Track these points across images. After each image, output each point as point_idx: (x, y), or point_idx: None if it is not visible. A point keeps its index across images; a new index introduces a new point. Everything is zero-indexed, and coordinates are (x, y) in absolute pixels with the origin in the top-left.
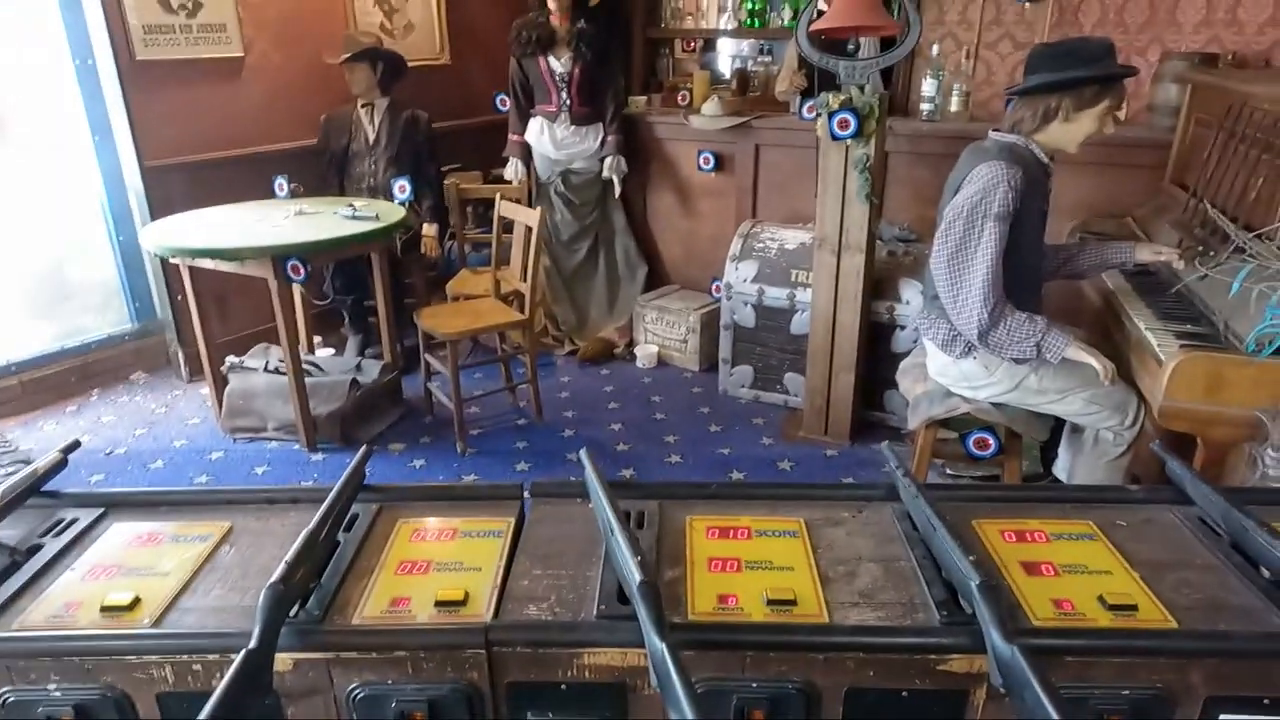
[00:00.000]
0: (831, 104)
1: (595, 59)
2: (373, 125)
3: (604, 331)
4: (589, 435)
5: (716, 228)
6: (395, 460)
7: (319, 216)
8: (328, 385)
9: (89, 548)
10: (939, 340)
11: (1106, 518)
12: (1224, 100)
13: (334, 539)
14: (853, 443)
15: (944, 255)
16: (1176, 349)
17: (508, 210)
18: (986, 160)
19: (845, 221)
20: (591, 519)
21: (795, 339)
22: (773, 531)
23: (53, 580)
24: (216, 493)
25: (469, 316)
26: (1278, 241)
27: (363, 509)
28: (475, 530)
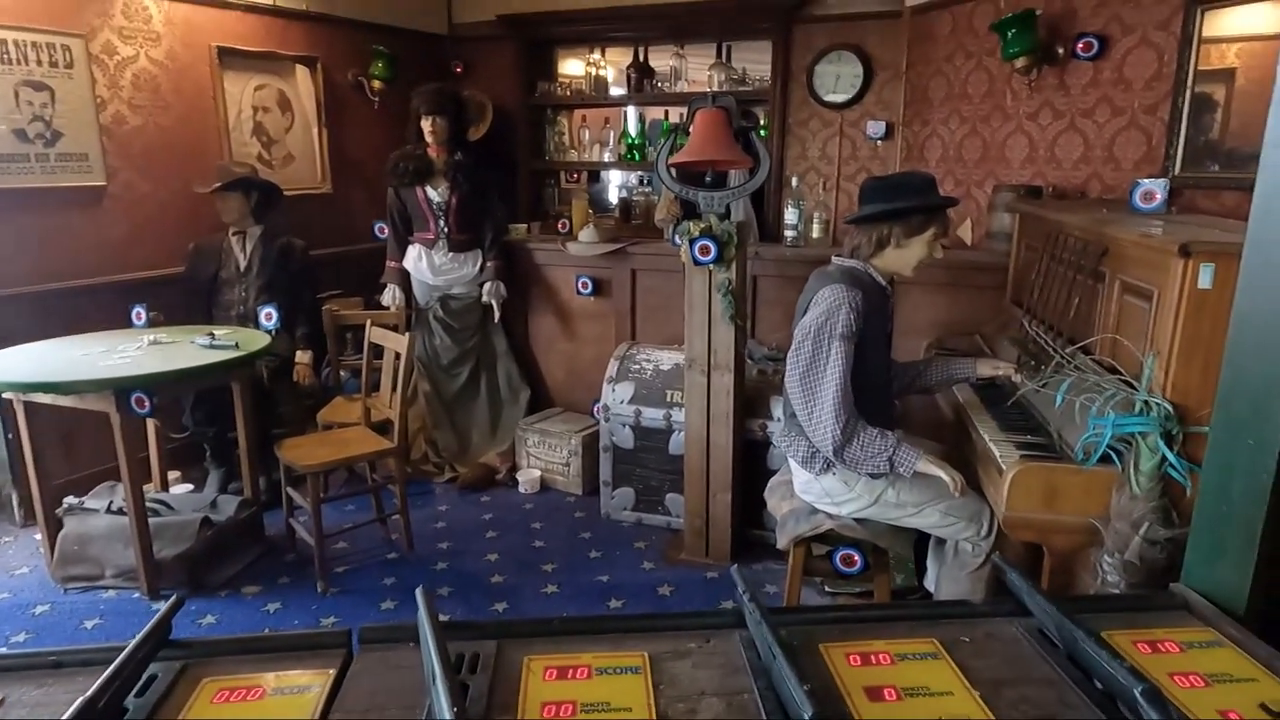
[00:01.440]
0: (692, 231)
1: (472, 189)
2: (244, 253)
3: (485, 457)
4: (462, 568)
5: (597, 350)
6: (248, 604)
7: (175, 346)
8: (175, 525)
9: None
10: (799, 457)
11: (950, 634)
12: (1045, 228)
13: (120, 706)
14: (734, 563)
15: (796, 374)
16: (1016, 459)
17: (378, 336)
18: (830, 284)
19: (713, 342)
20: (419, 666)
21: (674, 459)
22: (614, 669)
23: None
24: None
25: (335, 446)
26: (1094, 355)
27: (163, 668)
28: (288, 686)
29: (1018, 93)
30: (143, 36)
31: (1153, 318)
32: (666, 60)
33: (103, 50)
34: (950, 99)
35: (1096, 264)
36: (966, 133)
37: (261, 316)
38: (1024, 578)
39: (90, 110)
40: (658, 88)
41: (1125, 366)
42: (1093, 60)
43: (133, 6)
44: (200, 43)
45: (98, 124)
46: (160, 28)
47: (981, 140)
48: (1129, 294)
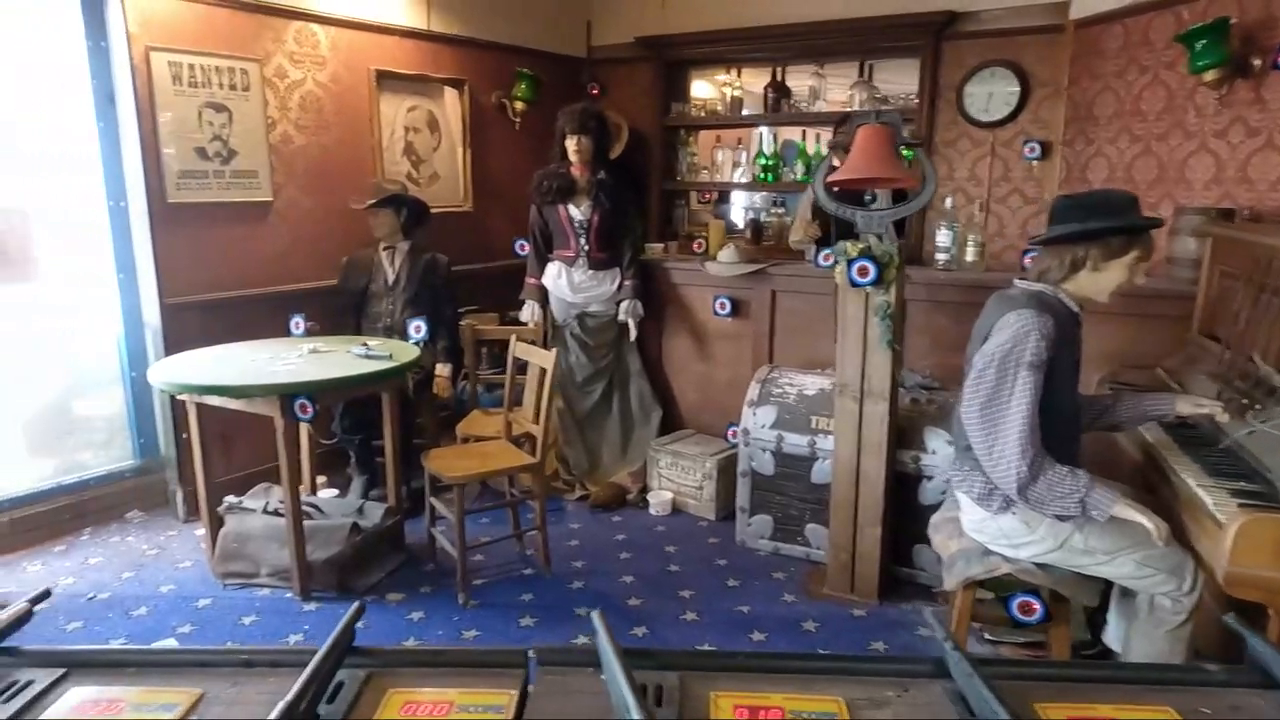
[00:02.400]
0: (850, 251)
1: (613, 207)
2: (393, 267)
3: (616, 476)
4: (599, 588)
5: (732, 372)
6: (392, 612)
7: (332, 355)
8: (326, 529)
9: (41, 718)
10: (974, 494)
11: (1187, 703)
12: (1248, 253)
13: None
14: (881, 601)
15: (976, 405)
16: (1235, 508)
17: (523, 351)
18: (1015, 308)
19: (867, 368)
20: (603, 693)
21: (817, 488)
22: (810, 714)
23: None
24: (189, 653)
25: (478, 459)
26: None
27: (349, 675)
28: (475, 705)
29: (1203, 108)
30: (310, 60)
31: None
32: (804, 80)
33: (275, 74)
34: (1120, 116)
35: None
36: (1139, 152)
37: (411, 329)
38: (1272, 645)
39: (261, 130)
40: (794, 107)
41: None
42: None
43: (304, 33)
44: (361, 65)
45: (267, 143)
46: (326, 52)
47: (1157, 160)
48: None
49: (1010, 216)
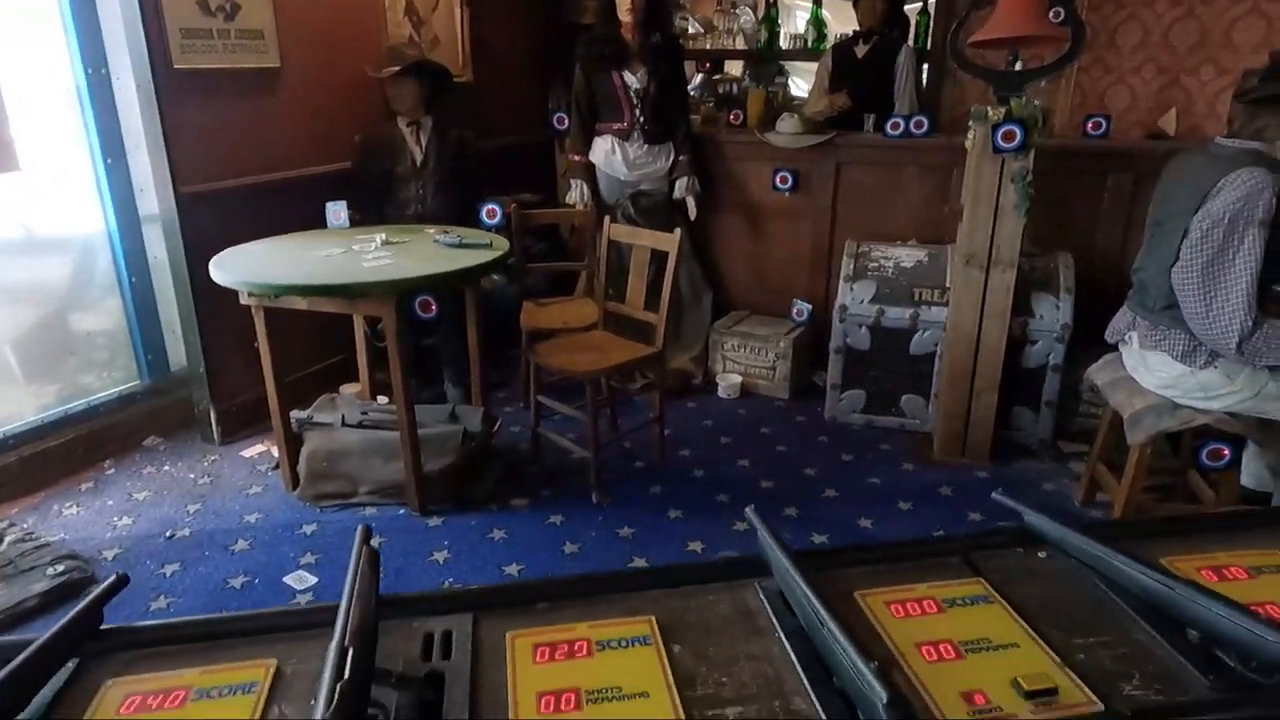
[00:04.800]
0: (993, 116)
1: (670, 74)
2: (419, 146)
3: (676, 362)
4: (723, 475)
5: (790, 251)
6: (527, 519)
7: (414, 245)
8: (438, 439)
9: None
10: (1176, 352)
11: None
12: None
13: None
14: (993, 462)
15: (1198, 265)
16: None
17: (624, 235)
18: (1240, 167)
19: (997, 237)
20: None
21: (915, 360)
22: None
23: None
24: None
25: (596, 351)
26: None
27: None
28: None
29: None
30: None
31: None
32: None
33: None
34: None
35: None
36: (1180, 15)
37: (484, 214)
38: None
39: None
40: None
41: None
42: None
43: None
44: None
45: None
46: None
47: (1199, 24)
48: None
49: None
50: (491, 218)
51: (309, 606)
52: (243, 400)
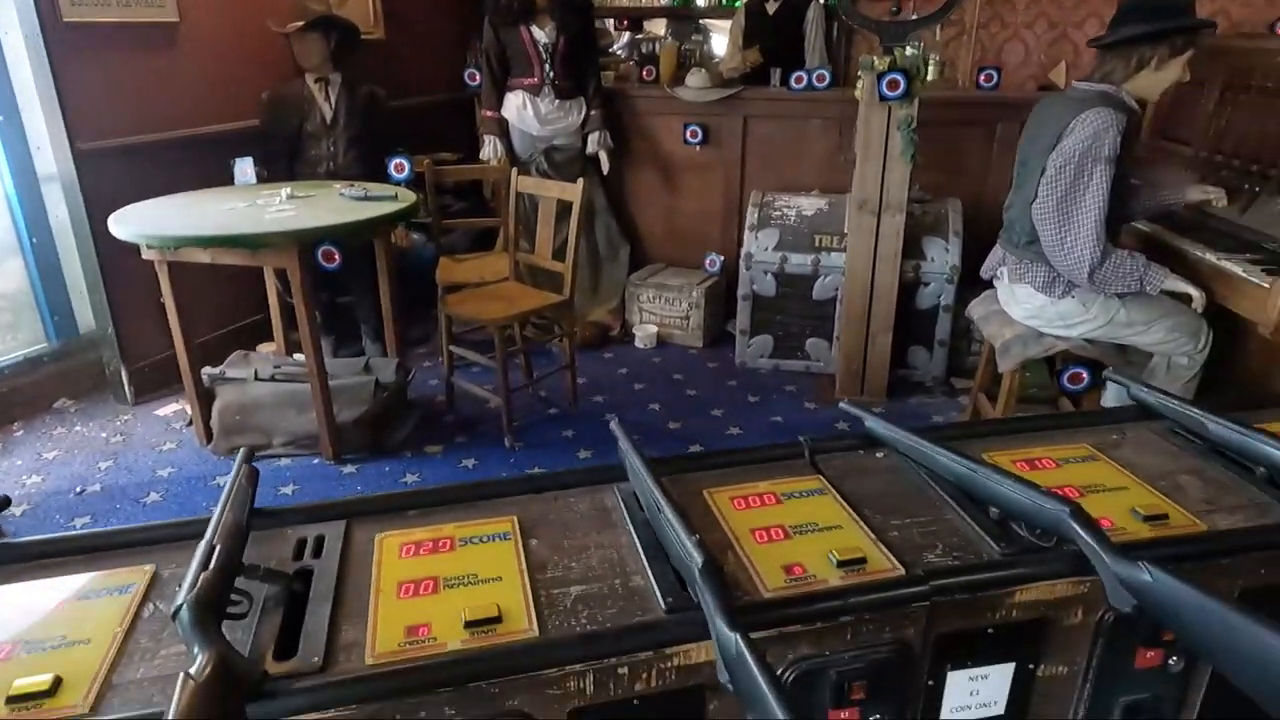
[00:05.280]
0: (878, 66)
1: (579, 29)
2: (329, 103)
3: (594, 315)
4: (634, 418)
5: (702, 203)
6: (440, 463)
7: (320, 199)
8: (350, 389)
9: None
10: (1038, 283)
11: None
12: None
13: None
14: (889, 399)
15: (1052, 200)
16: (1262, 273)
17: (534, 186)
18: (1092, 107)
19: (886, 182)
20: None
21: (818, 304)
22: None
23: None
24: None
25: (503, 300)
26: None
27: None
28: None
29: None
30: None
31: None
32: None
33: None
34: None
35: None
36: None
37: (392, 168)
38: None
39: None
40: None
41: None
42: None
43: None
44: None
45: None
46: None
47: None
48: None
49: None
50: (400, 172)
51: (188, 519)
52: (156, 360)
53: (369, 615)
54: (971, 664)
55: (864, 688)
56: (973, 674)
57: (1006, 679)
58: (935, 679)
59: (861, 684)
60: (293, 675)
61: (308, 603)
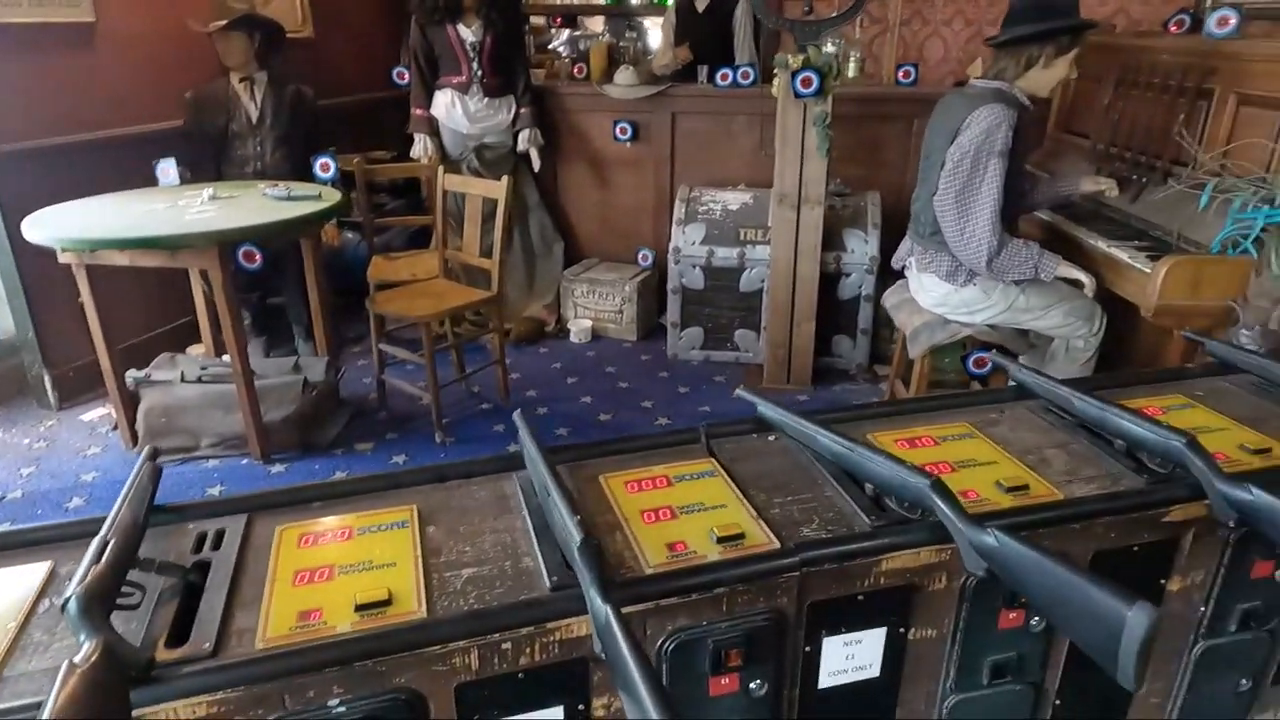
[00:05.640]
0: (793, 64)
1: (506, 28)
2: (254, 102)
3: (530, 311)
4: (565, 411)
5: (634, 198)
6: (370, 460)
7: (243, 199)
8: (278, 388)
9: None
10: (942, 272)
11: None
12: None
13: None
14: (815, 386)
15: (951, 193)
16: (1145, 259)
17: (460, 184)
18: (984, 104)
19: (805, 176)
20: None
21: (745, 296)
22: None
23: None
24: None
25: (432, 298)
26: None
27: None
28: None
29: None
30: None
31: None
32: None
33: None
34: None
35: (1199, 84)
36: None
37: (317, 167)
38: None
39: None
40: None
41: (1244, 171)
42: None
43: None
44: None
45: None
46: None
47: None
48: (1250, 106)
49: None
50: (325, 171)
51: (88, 518)
52: (80, 364)
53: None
54: (845, 629)
55: (741, 655)
56: (847, 639)
57: (879, 643)
58: (812, 645)
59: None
60: (183, 661)
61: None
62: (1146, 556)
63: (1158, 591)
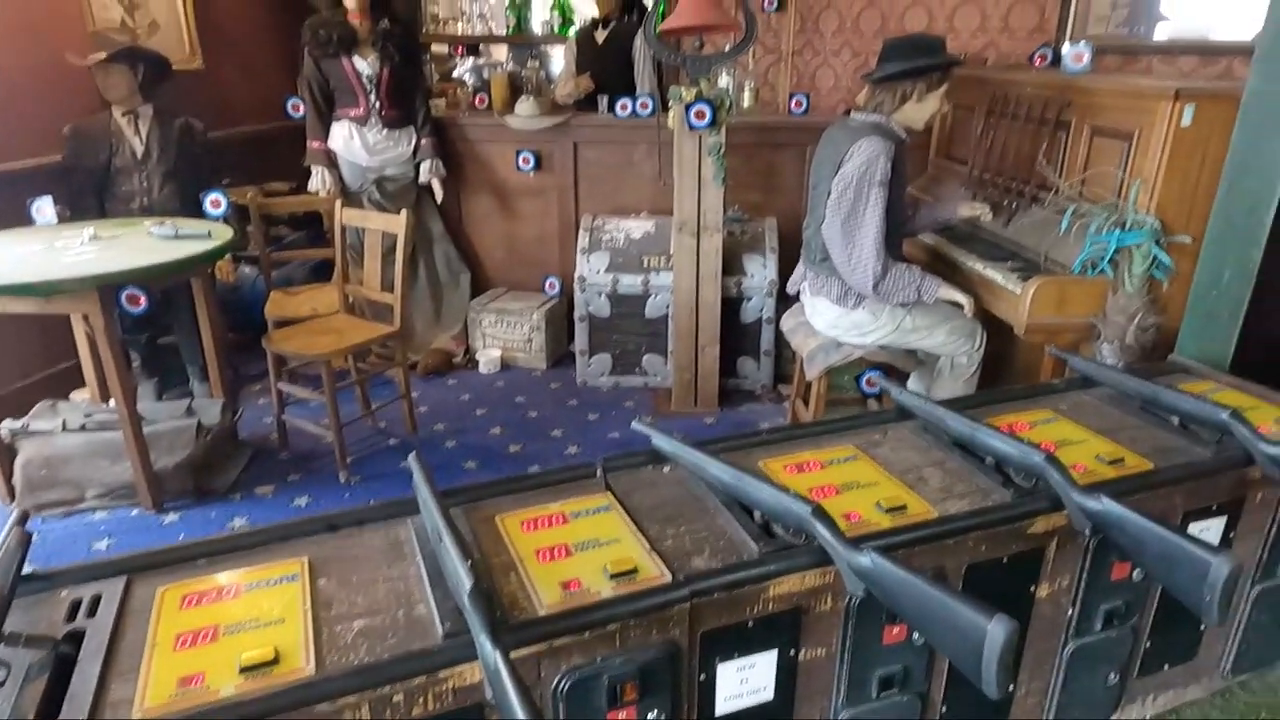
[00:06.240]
0: (686, 97)
1: (405, 60)
2: (139, 136)
3: (437, 342)
4: (473, 443)
5: (539, 227)
6: (271, 505)
7: (126, 239)
8: (169, 433)
9: None
10: (833, 296)
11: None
12: (988, 89)
13: None
14: (722, 408)
15: (838, 221)
16: (1017, 279)
17: (356, 219)
18: (865, 136)
19: (703, 205)
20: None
21: (651, 322)
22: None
23: None
24: None
25: (333, 334)
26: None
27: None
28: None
29: None
30: None
31: (1132, 154)
32: None
33: None
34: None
35: (1059, 115)
36: (864, 6)
37: (208, 204)
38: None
39: None
40: None
41: (1098, 197)
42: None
43: None
44: None
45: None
46: None
47: (880, 13)
48: (1101, 137)
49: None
50: (216, 208)
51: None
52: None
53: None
54: (738, 655)
55: (637, 688)
56: (740, 664)
57: (771, 666)
58: (706, 672)
59: (634, 684)
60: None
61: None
62: (1016, 566)
63: (1029, 598)
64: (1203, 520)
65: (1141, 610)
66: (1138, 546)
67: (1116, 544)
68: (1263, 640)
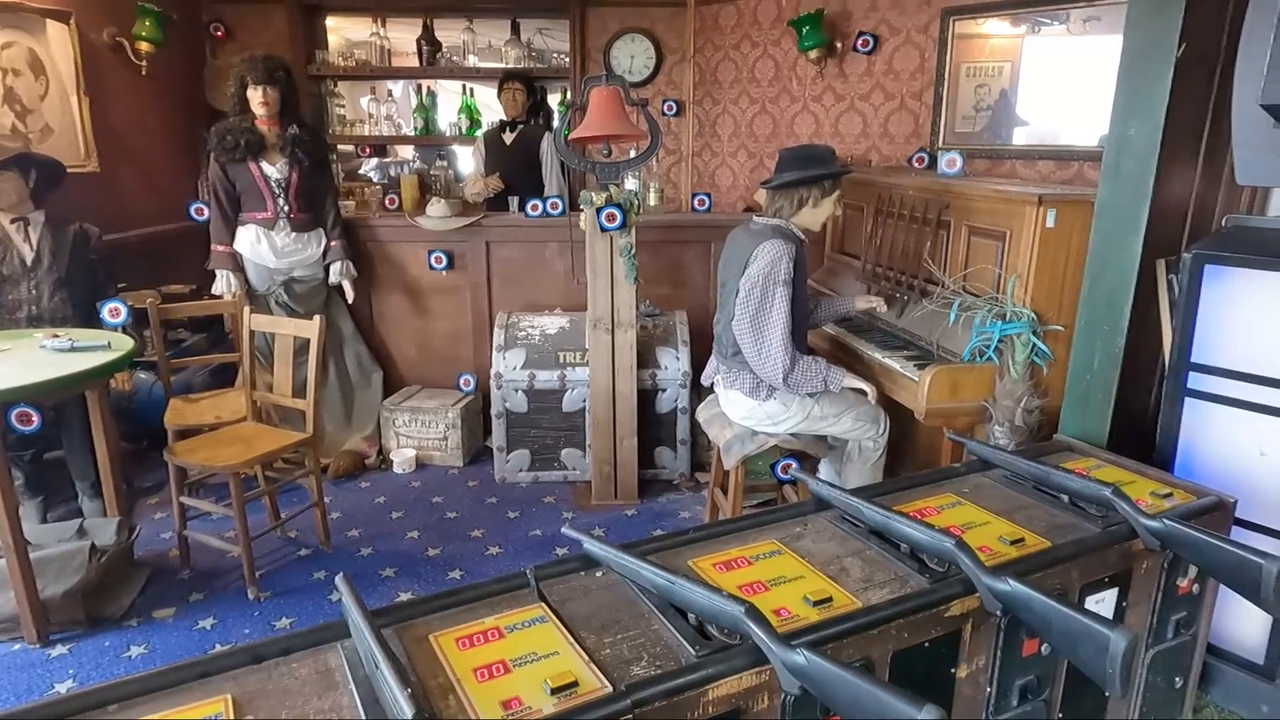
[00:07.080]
0: (597, 200)
1: (312, 164)
2: (29, 243)
3: (349, 444)
4: (390, 549)
5: (452, 324)
6: (173, 629)
7: (13, 353)
8: (58, 558)
9: None
10: (745, 389)
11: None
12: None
13: None
14: (642, 499)
15: (747, 318)
16: (914, 368)
17: (266, 325)
18: (766, 239)
19: (616, 302)
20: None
21: (569, 416)
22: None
23: None
24: None
25: (241, 444)
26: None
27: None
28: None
29: (803, 79)
30: None
31: (1006, 252)
32: (457, 35)
33: None
34: (739, 82)
35: (939, 215)
36: (757, 112)
37: (106, 313)
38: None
39: None
40: (450, 61)
41: (980, 290)
42: (868, 54)
43: None
44: None
45: None
46: None
47: (771, 119)
48: (978, 236)
49: (657, 165)
50: (115, 317)
51: None
52: None
53: None
54: None
55: None
56: None
57: None
58: None
59: None
60: None
61: None
62: (936, 650)
63: (950, 680)
64: (1098, 592)
65: (1053, 684)
66: (1044, 624)
67: (1025, 622)
68: (1160, 699)
